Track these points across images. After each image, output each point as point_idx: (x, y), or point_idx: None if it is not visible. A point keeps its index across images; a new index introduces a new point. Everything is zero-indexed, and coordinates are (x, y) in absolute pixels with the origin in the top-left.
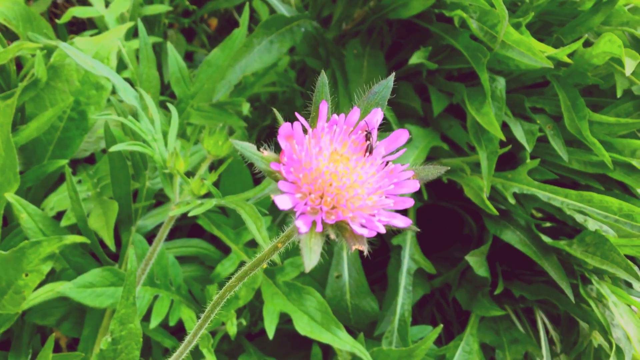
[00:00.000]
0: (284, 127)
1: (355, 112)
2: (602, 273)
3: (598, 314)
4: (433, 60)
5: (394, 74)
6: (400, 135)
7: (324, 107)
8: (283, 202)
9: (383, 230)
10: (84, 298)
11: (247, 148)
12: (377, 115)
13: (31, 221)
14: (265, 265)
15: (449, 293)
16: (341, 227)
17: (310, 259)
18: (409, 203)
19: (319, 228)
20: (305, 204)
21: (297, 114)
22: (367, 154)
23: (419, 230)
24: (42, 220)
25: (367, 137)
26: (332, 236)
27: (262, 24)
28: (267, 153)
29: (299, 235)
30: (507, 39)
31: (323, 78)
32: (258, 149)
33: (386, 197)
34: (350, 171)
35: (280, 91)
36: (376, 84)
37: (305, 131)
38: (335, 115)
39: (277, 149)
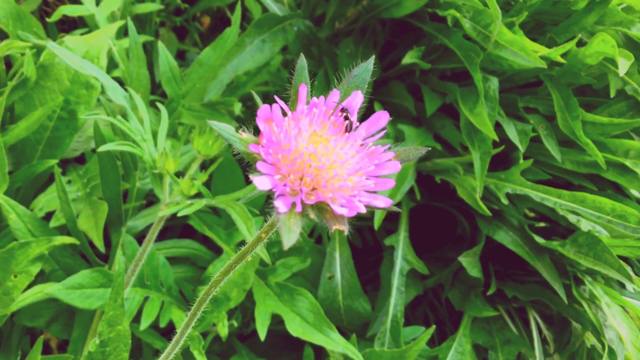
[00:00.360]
0: (263, 109)
1: (335, 94)
2: (595, 274)
3: (591, 315)
4: (426, 60)
5: (373, 56)
6: (381, 117)
7: (303, 90)
8: (262, 183)
9: (363, 210)
10: (73, 299)
11: (226, 129)
12: (357, 98)
13: (20, 222)
14: (250, 258)
15: (441, 293)
16: (321, 208)
17: (289, 238)
18: (390, 184)
19: (299, 208)
20: (285, 185)
21: (275, 97)
22: (346, 133)
23: (399, 210)
24: (31, 221)
25: (346, 117)
26: (312, 216)
27: (255, 23)
28: (246, 135)
29: (278, 215)
30: (501, 38)
31: (302, 61)
32: (236, 130)
33: (367, 178)
34: (330, 152)
35: (272, 90)
36: (356, 66)
37: (284, 114)
38: (314, 98)
39: (257, 133)
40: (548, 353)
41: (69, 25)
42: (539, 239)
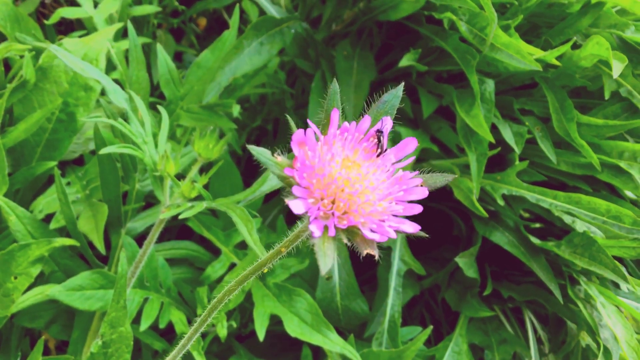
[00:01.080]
0: (297, 134)
1: (366, 120)
2: (590, 274)
3: (586, 314)
4: (423, 62)
5: (402, 84)
6: (409, 143)
7: (336, 115)
8: (297, 207)
9: (394, 236)
10: (73, 301)
11: (263, 154)
12: (386, 123)
13: (20, 224)
14: (266, 270)
15: (438, 294)
16: (352, 232)
17: (325, 262)
18: (418, 209)
19: (332, 232)
20: (318, 208)
21: (309, 121)
22: (378, 155)
23: (427, 236)
24: (31, 222)
25: (379, 138)
26: (345, 240)
27: (252, 26)
28: (281, 159)
29: (313, 239)
30: (496, 41)
31: (335, 86)
32: (272, 154)
33: (396, 203)
34: (362, 177)
35: (270, 92)
36: (386, 92)
37: (317, 138)
38: (346, 123)
39: (289, 154)
40: (543, 353)
41: (67, 27)
42: (535, 240)
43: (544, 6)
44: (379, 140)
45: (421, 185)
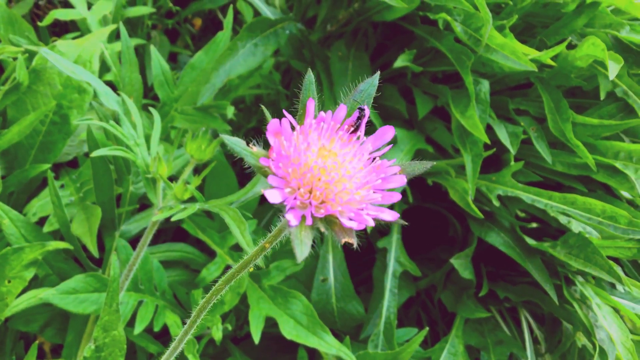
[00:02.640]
0: (272, 124)
1: (342, 109)
2: (586, 275)
3: (581, 315)
4: (418, 63)
5: (378, 72)
6: (386, 131)
7: (311, 105)
8: (273, 196)
9: (372, 223)
10: (67, 304)
11: (237, 144)
12: (364, 112)
13: (13, 227)
14: (252, 268)
15: (434, 295)
16: (330, 220)
17: (302, 250)
18: (396, 197)
19: (309, 221)
20: (295, 198)
21: (284, 111)
22: (354, 131)
23: (406, 224)
24: (25, 226)
25: (359, 118)
26: (322, 229)
27: (247, 27)
28: (257, 149)
29: (290, 228)
30: (491, 42)
31: (310, 76)
32: (247, 144)
33: (374, 191)
34: (339, 166)
35: (265, 93)
36: (362, 82)
37: (293, 128)
38: (322, 113)
39: (266, 146)
40: (540, 353)
41: (61, 28)
42: (530, 241)
43: (539, 6)
44: (358, 127)
45: (399, 173)
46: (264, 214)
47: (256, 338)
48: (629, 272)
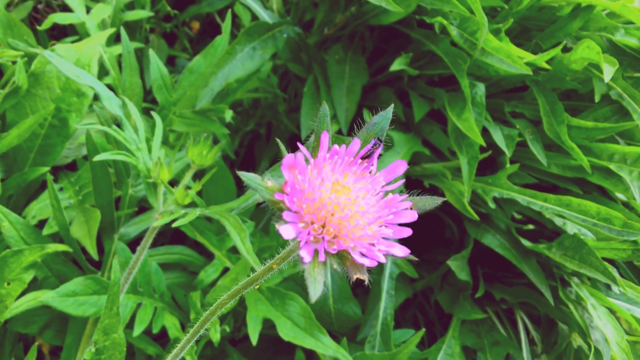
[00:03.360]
0: (287, 158)
1: (356, 143)
2: (582, 276)
3: (577, 316)
4: (414, 66)
5: (392, 105)
6: (398, 166)
7: (326, 137)
8: (287, 232)
9: (384, 260)
10: (66, 307)
11: (253, 179)
12: (376, 147)
13: (13, 230)
14: (257, 286)
15: (431, 296)
16: (342, 256)
17: (315, 289)
18: (407, 233)
19: (322, 257)
20: (308, 233)
21: (299, 144)
22: (367, 170)
23: (417, 259)
24: (24, 228)
25: (371, 151)
26: (335, 266)
27: (245, 31)
28: (271, 183)
29: (303, 265)
30: (487, 45)
31: (325, 109)
32: (263, 179)
33: (385, 226)
34: (352, 202)
35: (262, 97)
36: (376, 115)
37: (307, 161)
38: (336, 146)
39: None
40: (536, 354)
41: (60, 32)
42: (526, 242)
43: (535, 9)
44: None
45: (411, 209)
46: (261, 216)
47: (254, 340)
48: (625, 273)
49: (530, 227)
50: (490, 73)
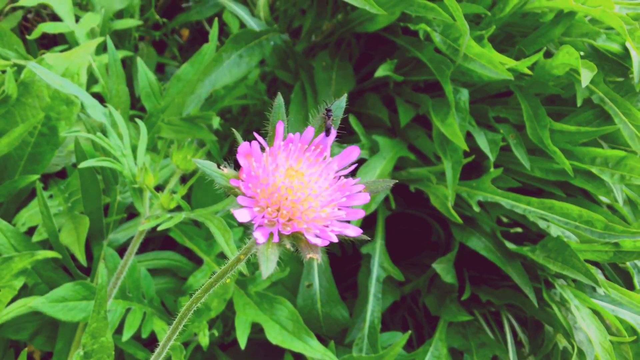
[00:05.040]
0: (243, 146)
1: (310, 131)
2: (566, 278)
3: (560, 317)
4: (400, 72)
5: (345, 95)
6: (352, 151)
7: (281, 127)
8: (242, 215)
9: (335, 240)
10: (56, 312)
11: (208, 166)
12: (331, 134)
13: (3, 237)
14: (228, 280)
15: (419, 299)
16: (297, 237)
17: (267, 267)
18: (360, 214)
19: (276, 239)
20: (263, 216)
21: (254, 134)
22: (322, 156)
23: (369, 239)
24: (14, 235)
25: (327, 118)
26: (288, 246)
27: (231, 39)
28: (227, 170)
29: (257, 245)
30: (469, 52)
31: (279, 100)
32: (219, 166)
33: (339, 209)
34: (305, 185)
35: (251, 103)
36: (331, 104)
37: (263, 149)
38: (290, 134)
39: (237, 166)
40: (523, 355)
41: (50, 41)
42: (510, 245)
43: (518, 16)
44: (327, 120)
45: (363, 191)
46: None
47: (242, 344)
48: (610, 275)
49: (518, 230)
50: (474, 79)
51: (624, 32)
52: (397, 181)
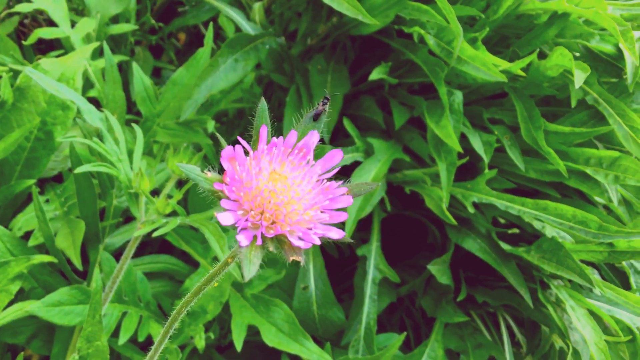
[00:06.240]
0: (227, 150)
1: (293, 135)
2: (562, 278)
3: (556, 317)
4: (394, 75)
5: (328, 100)
6: (335, 155)
7: (264, 131)
8: (225, 219)
9: (318, 242)
10: (52, 316)
11: (192, 170)
12: (313, 137)
13: None
14: (216, 283)
15: (416, 300)
16: (280, 240)
17: (249, 270)
18: (343, 217)
19: (259, 242)
20: (247, 220)
21: (238, 138)
22: (305, 160)
23: (352, 241)
24: (10, 240)
25: (322, 104)
26: (271, 248)
27: (227, 43)
28: (211, 174)
29: (240, 248)
30: (463, 54)
31: (263, 104)
32: (202, 170)
33: (322, 212)
34: (288, 189)
35: (247, 107)
36: (312, 109)
37: (246, 153)
38: (274, 138)
39: (222, 170)
40: (521, 355)
41: (47, 46)
42: (505, 246)
43: (512, 18)
44: (320, 106)
45: (347, 194)
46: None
47: (238, 346)
48: (606, 275)
49: (515, 231)
50: (468, 81)
51: (616, 33)
52: (379, 184)
